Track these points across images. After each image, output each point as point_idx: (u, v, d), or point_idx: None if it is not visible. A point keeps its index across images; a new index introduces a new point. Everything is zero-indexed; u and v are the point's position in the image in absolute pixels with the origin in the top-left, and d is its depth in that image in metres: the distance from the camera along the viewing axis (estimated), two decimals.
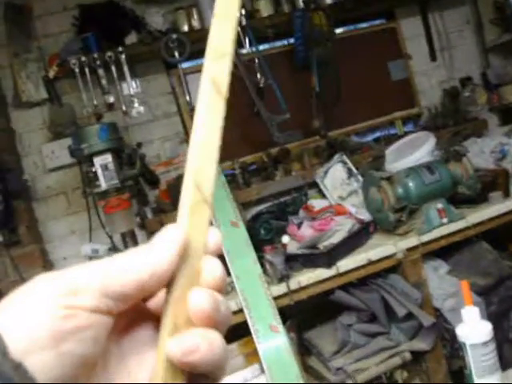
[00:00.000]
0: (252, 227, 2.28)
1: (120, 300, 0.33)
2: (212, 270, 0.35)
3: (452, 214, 2.29)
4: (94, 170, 2.18)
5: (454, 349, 2.32)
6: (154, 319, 0.36)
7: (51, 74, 2.41)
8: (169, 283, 0.34)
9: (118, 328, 0.35)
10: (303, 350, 2.32)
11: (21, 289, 0.32)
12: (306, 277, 2.13)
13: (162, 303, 0.35)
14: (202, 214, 0.35)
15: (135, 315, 0.36)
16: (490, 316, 2.28)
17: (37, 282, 0.32)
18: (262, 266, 2.14)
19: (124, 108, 2.51)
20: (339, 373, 2.17)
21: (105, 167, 2.15)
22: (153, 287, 0.34)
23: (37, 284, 0.32)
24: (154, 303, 0.37)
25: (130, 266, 0.33)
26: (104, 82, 2.43)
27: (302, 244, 2.20)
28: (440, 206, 2.25)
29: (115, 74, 2.45)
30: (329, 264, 2.12)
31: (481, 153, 2.69)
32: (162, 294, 0.35)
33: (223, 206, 2.21)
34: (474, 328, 1.24)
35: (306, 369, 2.25)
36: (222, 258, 2.14)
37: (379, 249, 2.22)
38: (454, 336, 2.09)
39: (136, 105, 2.51)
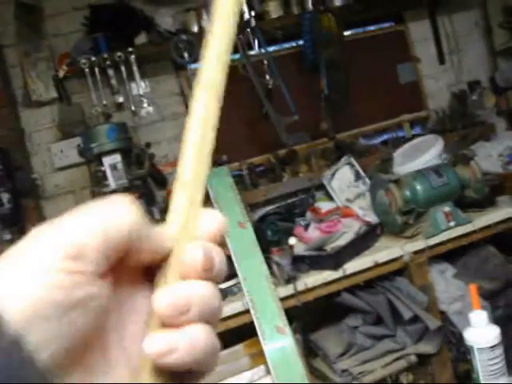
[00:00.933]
0: (259, 228, 2.29)
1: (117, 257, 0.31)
2: (207, 222, 0.34)
3: (459, 217, 2.29)
4: (102, 169, 2.19)
5: (459, 352, 2.32)
6: (151, 285, 0.34)
7: (61, 73, 2.43)
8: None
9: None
10: (308, 351, 2.32)
11: (19, 247, 0.29)
12: (312, 278, 2.13)
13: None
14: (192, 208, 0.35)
15: (128, 282, 0.34)
16: (496, 320, 2.27)
17: (36, 238, 0.30)
18: (269, 267, 2.14)
19: (133, 108, 2.52)
20: (344, 375, 2.18)
21: (113, 167, 2.16)
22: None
23: (37, 242, 0.29)
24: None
25: (129, 221, 0.31)
26: (113, 81, 2.44)
27: (308, 246, 2.20)
28: (447, 209, 2.25)
29: (124, 74, 2.46)
30: (335, 266, 2.13)
31: (488, 156, 2.69)
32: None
33: (230, 207, 2.21)
34: (481, 332, 1.24)
35: (312, 370, 2.25)
36: (229, 258, 2.14)
37: (386, 251, 2.22)
38: (460, 339, 2.09)
39: (145, 105, 2.53)
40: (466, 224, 2.29)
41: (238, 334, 2.20)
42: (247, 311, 2.08)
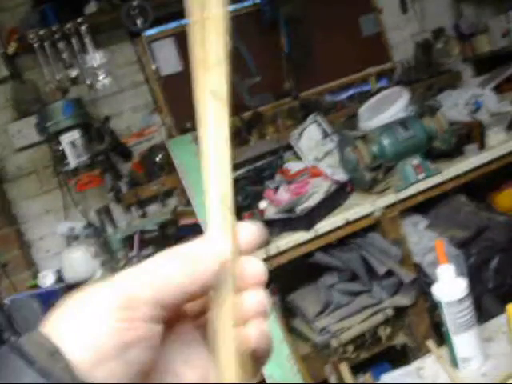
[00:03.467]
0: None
1: (171, 309, 0.35)
2: (244, 235, 0.37)
3: (428, 169, 2.28)
4: (61, 147, 2.13)
5: (435, 302, 2.35)
6: (190, 319, 0.39)
7: (10, 50, 2.33)
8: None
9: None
10: (287, 312, 2.33)
11: (74, 300, 0.34)
12: (284, 241, 2.12)
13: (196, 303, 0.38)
14: (231, 223, 0.37)
15: (173, 317, 0.38)
16: (469, 268, 2.30)
17: (90, 294, 0.34)
18: None
19: (89, 81, 2.44)
20: (323, 333, 2.19)
21: (72, 144, 2.10)
22: (199, 296, 0.36)
23: (91, 296, 0.34)
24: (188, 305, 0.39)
25: (179, 278, 0.35)
26: (65, 55, 2.35)
27: (279, 208, 2.18)
28: (416, 161, 2.24)
29: (77, 46, 2.37)
30: (307, 227, 2.11)
31: (455, 105, 2.66)
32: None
33: (197, 176, 2.17)
34: (449, 286, 1.24)
35: (291, 331, 2.26)
36: (197, 227, 2.12)
37: (357, 209, 2.21)
38: None
39: (101, 77, 2.44)
40: (435, 175, 2.28)
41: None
42: None
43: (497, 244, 2.42)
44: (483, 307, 2.23)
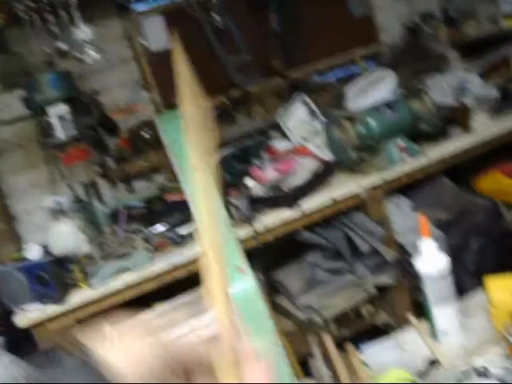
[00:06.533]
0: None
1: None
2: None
3: (413, 150, 2.31)
4: (50, 120, 2.12)
5: (417, 282, 2.39)
6: None
7: None
8: None
9: None
10: (271, 289, 2.36)
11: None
12: (270, 219, 2.15)
13: None
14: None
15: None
16: (451, 249, 2.35)
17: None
18: (227, 209, 2.14)
19: (78, 55, 2.42)
20: (307, 310, 2.23)
21: (61, 118, 2.09)
22: None
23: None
24: None
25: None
26: (54, 28, 2.33)
27: (265, 186, 2.20)
28: (401, 143, 2.27)
29: (66, 19, 2.35)
30: (293, 205, 2.14)
31: (441, 89, 2.69)
32: None
33: (184, 151, 2.18)
34: (430, 259, 1.27)
35: (275, 307, 2.30)
36: (186, 203, 2.13)
37: (342, 188, 2.24)
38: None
39: (91, 51, 2.42)
40: (420, 157, 2.32)
41: (199, 277, 2.20)
42: None
43: (478, 227, 2.47)
44: (463, 289, 2.28)
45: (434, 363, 0.87)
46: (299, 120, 2.57)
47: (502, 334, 1.10)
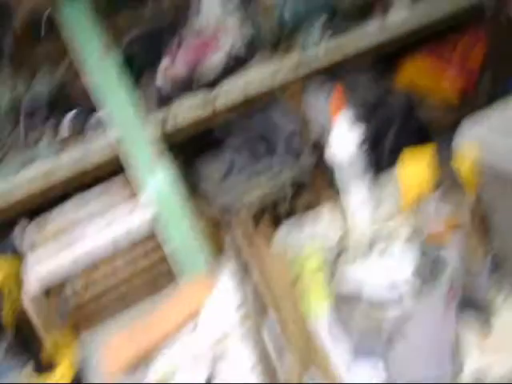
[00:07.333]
0: (127, 55, 2.10)
1: None
2: None
3: (334, 28, 2.22)
4: None
5: (333, 178, 2.41)
6: None
7: None
8: None
9: None
10: (186, 188, 2.31)
11: None
12: (181, 116, 2.05)
13: None
14: None
15: None
16: (367, 141, 2.36)
17: None
18: (138, 96, 2.03)
19: None
20: (224, 208, 2.20)
21: None
22: None
23: None
24: None
25: None
26: None
27: (179, 71, 2.07)
28: (320, 23, 2.18)
29: None
30: (207, 91, 2.05)
31: None
32: None
33: (89, 38, 2.00)
34: (343, 134, 1.24)
35: (196, 193, 2.25)
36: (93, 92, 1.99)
37: (258, 79, 2.15)
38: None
39: None
40: (340, 37, 2.22)
41: (115, 167, 2.12)
42: (119, 145, 1.99)
43: (394, 118, 2.48)
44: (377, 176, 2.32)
45: (345, 236, 0.86)
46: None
47: (411, 207, 1.11)
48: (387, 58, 2.51)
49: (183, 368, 0.93)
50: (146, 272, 2.11)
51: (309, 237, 1.22)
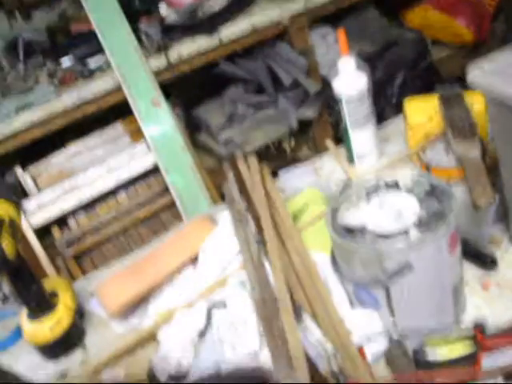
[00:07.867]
0: None
1: None
2: None
3: None
4: None
5: (339, 117, 2.36)
6: None
7: None
8: None
9: None
10: (191, 126, 2.27)
11: None
12: (186, 48, 1.98)
13: None
14: None
15: None
16: (375, 82, 2.29)
17: None
18: (139, 39, 1.96)
19: None
20: (228, 145, 2.16)
21: None
22: None
23: None
24: None
25: None
26: None
27: (180, 12, 2.00)
28: None
29: None
30: (210, 32, 1.98)
31: None
32: None
33: None
34: (349, 79, 1.19)
35: (196, 144, 2.22)
36: (93, 33, 1.93)
37: (264, 15, 2.07)
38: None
39: None
40: None
41: (114, 112, 2.07)
42: (119, 88, 1.93)
43: (403, 60, 2.40)
44: (384, 120, 2.26)
45: (347, 185, 0.83)
46: None
47: (416, 153, 1.07)
48: None
49: (181, 312, 0.92)
50: (148, 205, 2.11)
51: (308, 185, 1.19)
